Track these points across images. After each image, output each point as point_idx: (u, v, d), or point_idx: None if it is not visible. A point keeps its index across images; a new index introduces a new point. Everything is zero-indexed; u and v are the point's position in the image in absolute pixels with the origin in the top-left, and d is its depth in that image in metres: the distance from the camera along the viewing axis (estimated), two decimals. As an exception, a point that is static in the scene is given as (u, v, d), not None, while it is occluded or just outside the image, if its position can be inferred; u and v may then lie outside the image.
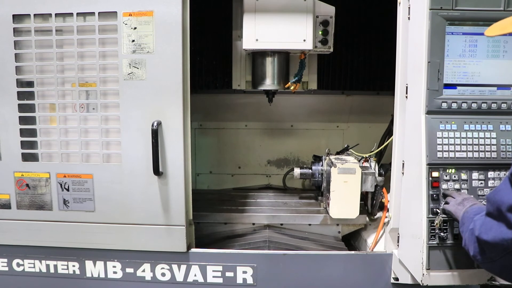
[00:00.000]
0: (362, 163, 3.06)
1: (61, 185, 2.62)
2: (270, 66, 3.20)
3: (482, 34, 2.23)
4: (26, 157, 2.63)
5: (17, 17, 2.50)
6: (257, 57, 3.24)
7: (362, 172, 2.90)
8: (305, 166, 3.42)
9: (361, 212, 2.98)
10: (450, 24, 2.20)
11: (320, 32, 3.05)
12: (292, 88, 3.25)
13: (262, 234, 3.10)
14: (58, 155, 2.61)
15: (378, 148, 3.13)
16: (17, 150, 2.61)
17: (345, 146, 3.35)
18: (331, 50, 3.12)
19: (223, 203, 3.42)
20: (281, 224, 3.19)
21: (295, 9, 2.87)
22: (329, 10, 3.04)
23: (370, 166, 3.04)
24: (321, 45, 3.08)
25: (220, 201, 3.47)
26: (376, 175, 2.94)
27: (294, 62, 3.33)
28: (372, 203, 3.05)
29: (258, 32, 2.90)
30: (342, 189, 2.90)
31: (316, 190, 3.53)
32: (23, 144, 2.61)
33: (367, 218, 3.14)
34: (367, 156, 3.08)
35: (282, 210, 3.28)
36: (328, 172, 3.03)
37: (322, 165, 3.28)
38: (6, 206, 2.68)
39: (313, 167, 3.33)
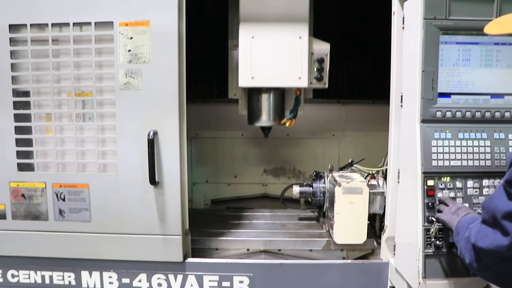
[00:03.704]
0: (369, 180, 2.87)
1: (57, 195, 2.61)
2: (266, 103, 3.20)
3: (475, 43, 2.25)
4: (21, 167, 2.62)
5: (13, 27, 2.51)
6: (253, 92, 3.24)
7: (370, 192, 2.68)
8: (305, 183, 3.15)
9: (368, 236, 2.74)
10: (444, 33, 2.22)
11: (315, 69, 3.04)
12: (287, 124, 3.26)
13: (257, 260, 2.88)
14: (54, 165, 2.61)
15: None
16: (13, 160, 2.60)
17: (350, 161, 3.11)
18: (326, 86, 3.10)
19: (214, 225, 3.14)
20: (279, 250, 2.92)
21: (291, 47, 2.88)
22: (324, 48, 3.03)
23: (378, 184, 2.84)
24: (316, 81, 3.05)
25: (211, 223, 3.19)
26: (385, 194, 2.70)
27: (289, 96, 3.31)
28: (380, 225, 2.83)
29: (253, 70, 2.90)
30: (348, 211, 2.67)
31: (317, 208, 3.22)
32: (19, 154, 2.60)
33: (375, 242, 2.89)
34: (374, 172, 2.91)
35: (280, 233, 3.01)
36: (332, 191, 2.79)
37: (324, 183, 3.00)
38: (1, 216, 2.66)
39: (314, 185, 3.04)
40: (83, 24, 2.49)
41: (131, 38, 2.45)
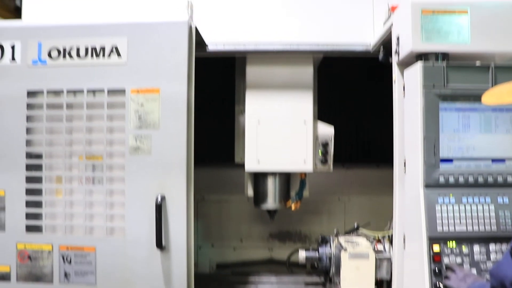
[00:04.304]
0: (375, 244, 2.87)
1: (63, 257, 2.60)
2: (272, 186, 3.29)
3: (473, 110, 2.32)
4: (30, 228, 2.63)
5: (31, 93, 2.62)
6: (259, 175, 3.32)
7: (376, 257, 2.71)
8: (311, 248, 3.14)
9: None
10: (443, 100, 2.29)
11: (319, 152, 3.14)
12: (293, 207, 3.33)
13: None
14: (62, 227, 2.62)
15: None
16: (22, 221, 2.62)
17: (355, 225, 3.14)
18: (331, 170, 3.20)
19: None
20: None
21: (296, 132, 3.02)
22: (329, 131, 3.16)
23: (384, 248, 2.83)
24: (321, 164, 3.16)
25: (217, 289, 3.16)
26: (392, 259, 2.69)
27: (295, 177, 3.40)
28: None
29: (260, 154, 3.03)
30: (354, 276, 2.68)
31: (323, 274, 3.18)
32: (28, 215, 2.63)
33: None
34: (380, 236, 2.91)
35: None
36: (338, 256, 2.81)
37: (330, 248, 3.01)
38: (6, 278, 2.64)
39: (320, 250, 3.04)
40: (97, 91, 2.61)
41: (142, 104, 2.54)
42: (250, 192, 3.42)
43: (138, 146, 2.54)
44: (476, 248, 2.24)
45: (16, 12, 8.21)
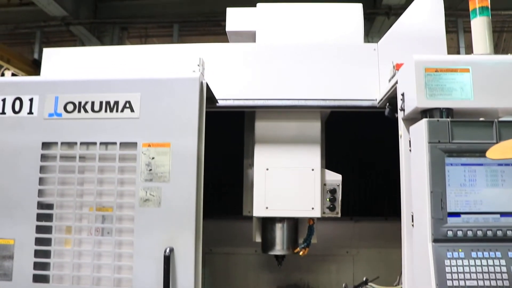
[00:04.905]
0: None
1: (69, 308, 2.59)
2: (280, 232, 3.31)
3: (479, 164, 2.34)
4: (37, 278, 2.62)
5: (45, 145, 2.69)
6: (267, 221, 3.35)
7: None
8: None
9: None
10: (449, 155, 2.32)
11: (327, 199, 3.19)
12: (301, 253, 3.34)
13: None
14: (69, 278, 2.61)
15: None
16: (29, 271, 2.62)
17: (364, 279, 3.12)
18: (339, 215, 3.22)
19: None
20: None
21: (304, 179, 3.07)
22: (337, 179, 3.20)
23: None
24: (329, 211, 3.19)
25: None
26: None
27: (303, 224, 3.42)
28: None
29: (268, 200, 3.08)
30: None
31: None
32: (36, 265, 2.63)
33: None
34: None
35: None
36: None
37: None
38: (9, 331, 2.62)
39: None
40: (109, 144, 2.67)
41: (153, 158, 2.60)
42: (258, 238, 3.42)
43: (148, 198, 2.58)
44: (489, 305, 2.21)
45: (34, 65, 8.56)
